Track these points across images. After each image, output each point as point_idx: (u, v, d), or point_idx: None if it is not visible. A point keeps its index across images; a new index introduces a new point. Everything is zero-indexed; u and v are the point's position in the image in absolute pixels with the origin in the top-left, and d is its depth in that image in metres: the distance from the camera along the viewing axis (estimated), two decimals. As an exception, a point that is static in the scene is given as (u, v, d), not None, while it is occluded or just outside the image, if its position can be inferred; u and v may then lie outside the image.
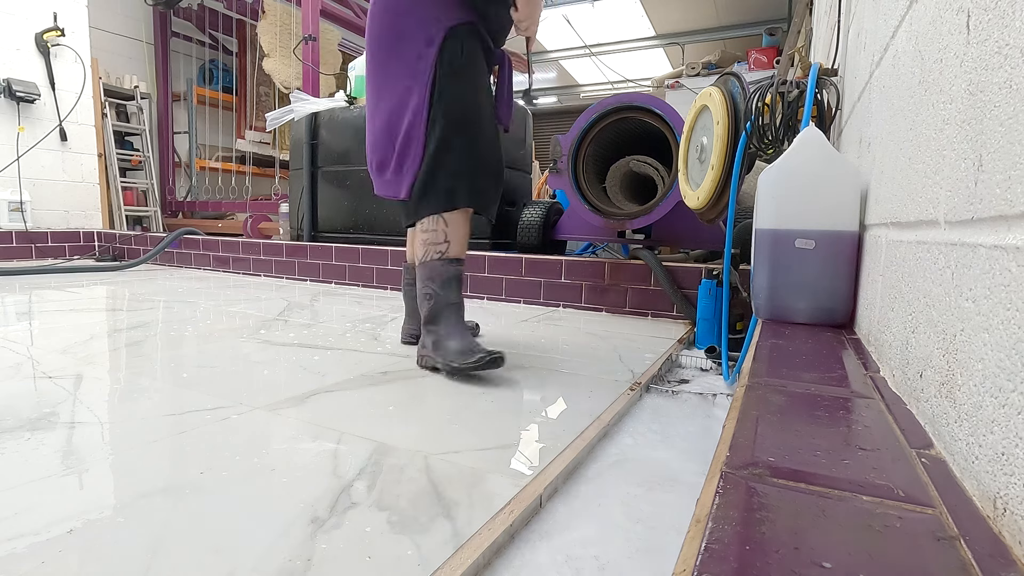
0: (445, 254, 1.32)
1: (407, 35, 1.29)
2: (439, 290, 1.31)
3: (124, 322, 1.83)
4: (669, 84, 5.00)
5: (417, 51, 1.28)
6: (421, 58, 1.28)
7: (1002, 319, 0.38)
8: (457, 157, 1.31)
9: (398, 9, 1.30)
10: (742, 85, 1.43)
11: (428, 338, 1.32)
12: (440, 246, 1.32)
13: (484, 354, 1.21)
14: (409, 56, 1.29)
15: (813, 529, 0.36)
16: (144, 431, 0.91)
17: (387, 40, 1.31)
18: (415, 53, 1.29)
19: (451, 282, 1.32)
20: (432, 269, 1.32)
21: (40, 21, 3.84)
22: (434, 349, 1.30)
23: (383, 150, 1.38)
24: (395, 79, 1.32)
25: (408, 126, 1.31)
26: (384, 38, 1.31)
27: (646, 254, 2.14)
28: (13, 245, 3.69)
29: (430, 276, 1.32)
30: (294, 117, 3.18)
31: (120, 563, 0.57)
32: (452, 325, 1.31)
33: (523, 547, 0.66)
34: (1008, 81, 0.39)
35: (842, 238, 0.99)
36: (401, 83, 1.31)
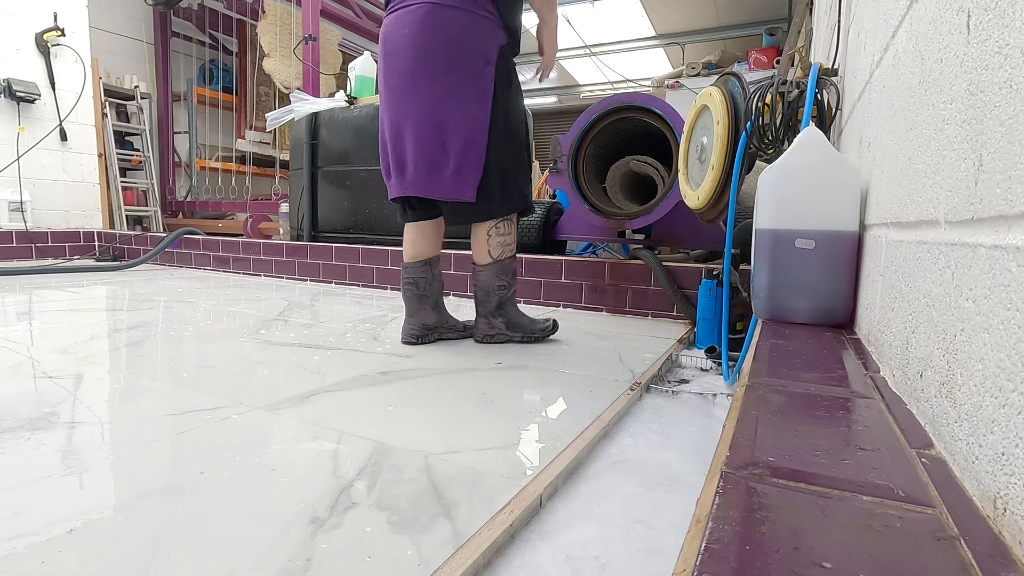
0: (513, 252, 1.61)
1: (466, 55, 1.45)
2: (511, 281, 1.62)
3: (124, 322, 1.83)
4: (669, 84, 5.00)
5: (475, 69, 1.46)
6: (480, 75, 1.46)
7: (1002, 319, 0.38)
8: (518, 164, 1.55)
9: (451, 33, 1.44)
10: (742, 85, 1.43)
11: (498, 320, 1.63)
12: (511, 246, 1.60)
13: (549, 324, 1.66)
14: (467, 73, 1.45)
15: (813, 529, 0.36)
16: (144, 431, 0.91)
17: (442, 58, 1.45)
18: (473, 71, 1.46)
19: (514, 274, 1.65)
20: (507, 266, 1.60)
21: (40, 21, 3.84)
22: (509, 328, 1.63)
23: (434, 154, 1.49)
24: (451, 92, 1.46)
25: (468, 134, 1.47)
26: (438, 56, 1.45)
27: (646, 254, 2.13)
28: (13, 245, 3.69)
29: (505, 271, 1.60)
30: (294, 117, 3.18)
31: (120, 563, 0.57)
32: (516, 308, 1.66)
33: (523, 547, 0.66)
34: (1008, 81, 0.39)
35: (842, 238, 0.99)
36: (459, 96, 1.46)
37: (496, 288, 1.60)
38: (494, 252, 1.58)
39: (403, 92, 1.49)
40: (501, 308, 1.62)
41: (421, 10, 1.43)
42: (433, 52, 1.44)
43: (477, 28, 1.44)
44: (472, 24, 1.44)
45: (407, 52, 1.46)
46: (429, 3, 1.42)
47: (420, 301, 1.63)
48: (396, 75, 1.49)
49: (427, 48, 1.44)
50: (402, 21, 1.46)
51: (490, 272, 1.59)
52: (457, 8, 1.42)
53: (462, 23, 1.43)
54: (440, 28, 1.43)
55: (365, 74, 3.27)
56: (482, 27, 1.45)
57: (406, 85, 1.48)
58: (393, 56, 1.49)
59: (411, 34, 1.45)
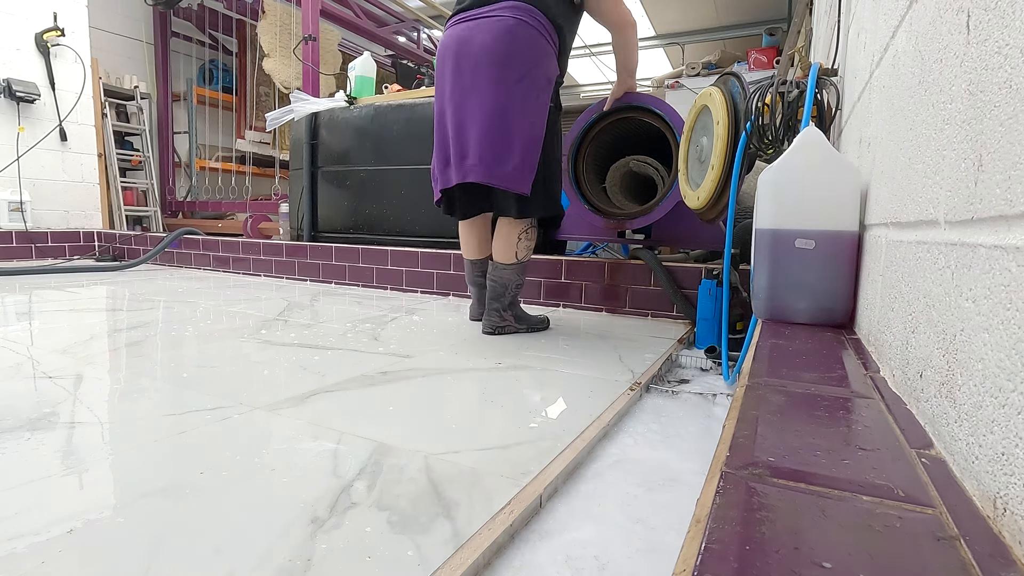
0: (531, 255, 1.80)
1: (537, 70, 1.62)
2: (524, 280, 1.80)
3: (124, 322, 1.83)
4: (669, 84, 5.00)
5: (541, 85, 1.64)
6: (543, 91, 1.64)
7: (1002, 319, 0.38)
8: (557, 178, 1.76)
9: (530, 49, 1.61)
10: (742, 85, 1.43)
11: (509, 313, 1.78)
12: (531, 250, 1.78)
13: (544, 319, 1.89)
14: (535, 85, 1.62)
15: (813, 529, 0.36)
16: (144, 431, 0.91)
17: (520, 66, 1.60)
18: (539, 86, 1.63)
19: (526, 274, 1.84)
20: (526, 267, 1.79)
21: (40, 21, 3.84)
22: (517, 320, 1.80)
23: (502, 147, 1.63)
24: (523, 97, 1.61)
25: (532, 135, 1.63)
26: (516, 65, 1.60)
27: (646, 254, 2.13)
28: (13, 245, 3.69)
29: (524, 271, 1.78)
30: (294, 117, 3.18)
31: (120, 563, 0.57)
32: (520, 304, 1.86)
33: (523, 547, 0.66)
34: (1008, 81, 0.39)
35: (842, 238, 0.99)
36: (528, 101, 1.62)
37: (515, 286, 1.76)
38: (520, 254, 1.74)
39: (476, 90, 1.62)
40: (513, 303, 1.79)
41: (504, 23, 1.59)
42: (511, 61, 1.59)
43: (546, 53, 1.63)
44: (544, 48, 1.62)
45: (485, 56, 1.60)
46: (514, 19, 1.58)
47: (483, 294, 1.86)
48: (471, 74, 1.62)
49: (507, 56, 1.59)
50: (484, 27, 1.61)
51: (512, 271, 1.75)
52: (535, 31, 1.60)
53: (538, 45, 1.61)
54: (521, 42, 1.59)
55: (365, 74, 3.26)
56: (549, 53, 1.64)
57: (480, 84, 1.61)
58: (468, 57, 1.62)
59: (493, 41, 1.59)
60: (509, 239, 1.72)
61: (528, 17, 1.59)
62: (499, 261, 1.75)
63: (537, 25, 1.59)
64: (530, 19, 1.59)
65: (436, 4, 5.09)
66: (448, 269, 2.57)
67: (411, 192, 2.89)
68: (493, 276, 1.76)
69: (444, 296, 2.57)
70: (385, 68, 5.48)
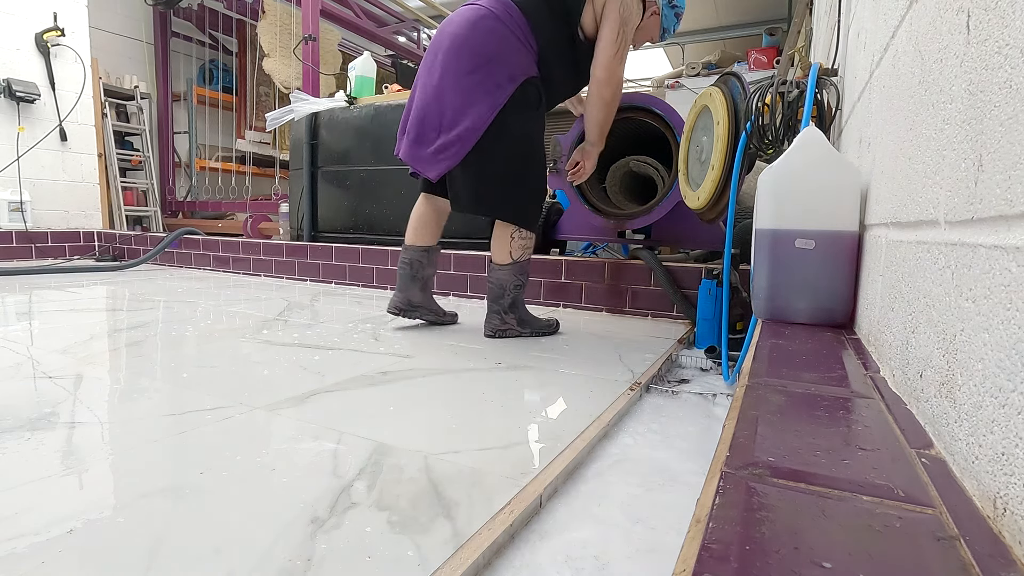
0: (530, 255, 1.75)
1: (494, 64, 1.56)
2: (525, 281, 1.75)
3: (124, 322, 1.83)
4: (669, 84, 5.00)
5: (497, 80, 1.56)
6: (499, 87, 1.56)
7: (1002, 319, 0.38)
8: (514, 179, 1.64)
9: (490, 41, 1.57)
10: (742, 85, 1.43)
11: (511, 316, 1.73)
12: (530, 250, 1.73)
13: (553, 323, 1.81)
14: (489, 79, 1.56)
15: (813, 529, 0.36)
16: (144, 431, 0.91)
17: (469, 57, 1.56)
18: (494, 81, 1.56)
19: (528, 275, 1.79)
20: (524, 267, 1.73)
21: (40, 21, 3.84)
22: (520, 324, 1.74)
23: (426, 131, 1.62)
24: (463, 85, 1.57)
25: (465, 129, 1.56)
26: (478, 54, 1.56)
27: (646, 254, 2.13)
28: (13, 245, 3.69)
29: (522, 271, 1.72)
30: (294, 117, 3.18)
31: (120, 563, 0.57)
32: (524, 306, 1.79)
33: (523, 547, 0.66)
34: (1008, 81, 0.39)
35: (842, 238, 0.99)
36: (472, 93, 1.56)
37: (512, 287, 1.71)
38: (515, 254, 1.69)
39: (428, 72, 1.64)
40: (514, 305, 1.73)
41: (474, 13, 1.59)
42: (471, 50, 1.56)
43: (514, 49, 1.57)
44: (511, 44, 1.57)
45: (446, 41, 1.60)
46: (487, 9, 1.57)
47: (412, 280, 1.80)
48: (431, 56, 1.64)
49: (467, 44, 1.57)
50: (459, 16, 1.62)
51: (509, 272, 1.70)
52: (506, 26, 1.56)
53: (504, 39, 1.56)
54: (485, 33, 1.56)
55: (365, 74, 3.26)
56: (519, 51, 1.58)
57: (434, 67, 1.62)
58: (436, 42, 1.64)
59: (456, 28, 1.59)
60: (503, 239, 1.69)
61: (500, 10, 1.56)
62: (495, 262, 1.73)
63: (507, 20, 1.56)
64: (501, 12, 1.56)
65: (436, 4, 5.09)
66: (448, 269, 2.57)
67: (411, 192, 2.87)
68: (491, 277, 1.73)
69: (444, 296, 2.57)
70: (385, 68, 5.48)
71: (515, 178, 1.64)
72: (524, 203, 1.67)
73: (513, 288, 1.72)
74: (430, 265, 1.82)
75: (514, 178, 1.64)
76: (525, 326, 1.75)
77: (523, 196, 1.66)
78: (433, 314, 1.84)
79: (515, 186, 1.64)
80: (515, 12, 1.57)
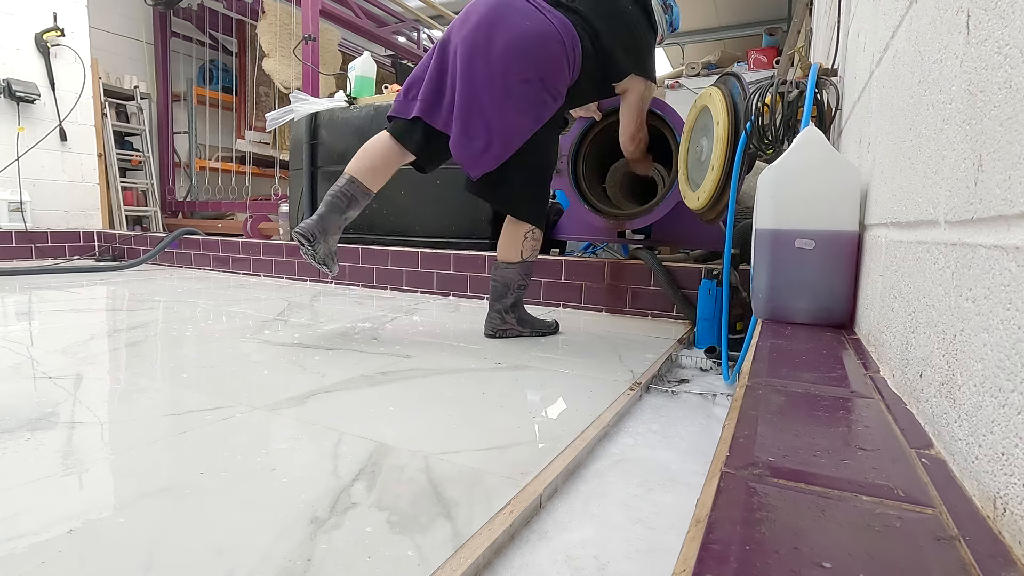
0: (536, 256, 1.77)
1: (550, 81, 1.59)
2: (528, 282, 1.77)
3: (124, 322, 1.83)
4: (669, 84, 5.00)
5: (543, 97, 1.59)
6: (543, 104, 1.60)
7: (1002, 319, 0.38)
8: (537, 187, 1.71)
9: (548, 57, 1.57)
10: (742, 85, 1.43)
11: (511, 316, 1.74)
12: (537, 251, 1.74)
13: (553, 323, 1.83)
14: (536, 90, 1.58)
15: (813, 529, 0.36)
16: (144, 431, 0.91)
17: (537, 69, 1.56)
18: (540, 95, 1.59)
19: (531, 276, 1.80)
20: (530, 267, 1.75)
21: (40, 21, 3.84)
22: (520, 323, 1.75)
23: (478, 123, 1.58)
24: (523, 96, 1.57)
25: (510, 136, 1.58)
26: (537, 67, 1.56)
27: (646, 254, 2.13)
28: (13, 245, 3.69)
29: (528, 272, 1.74)
30: (294, 117, 3.17)
31: (120, 563, 0.57)
32: (524, 307, 1.81)
33: (523, 547, 0.66)
34: (1008, 81, 0.39)
35: (842, 238, 0.99)
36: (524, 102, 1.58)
37: (517, 287, 1.73)
38: (525, 253, 1.71)
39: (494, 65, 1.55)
40: (515, 305, 1.74)
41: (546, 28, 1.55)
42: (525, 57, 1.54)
43: (563, 69, 1.59)
44: (562, 64, 1.58)
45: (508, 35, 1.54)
46: (555, 30, 1.56)
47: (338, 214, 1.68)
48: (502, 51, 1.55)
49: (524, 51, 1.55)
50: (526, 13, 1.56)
51: (516, 271, 1.71)
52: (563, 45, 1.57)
53: (558, 59, 1.57)
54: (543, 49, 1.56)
55: (365, 74, 3.26)
56: (565, 72, 1.60)
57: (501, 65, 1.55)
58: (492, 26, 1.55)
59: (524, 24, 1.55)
60: (516, 237, 1.70)
61: (565, 32, 1.58)
62: (503, 260, 1.72)
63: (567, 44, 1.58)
64: (566, 35, 1.58)
65: (436, 4, 5.09)
66: (448, 269, 2.57)
67: (411, 192, 2.88)
68: (495, 276, 1.73)
69: (444, 296, 2.57)
70: (385, 68, 5.48)
71: (537, 184, 1.71)
72: (541, 206, 1.73)
73: (517, 287, 1.74)
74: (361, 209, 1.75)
75: (536, 184, 1.71)
76: (525, 326, 1.76)
77: (541, 200, 1.73)
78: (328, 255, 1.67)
79: (536, 191, 1.71)
80: (571, 37, 1.59)
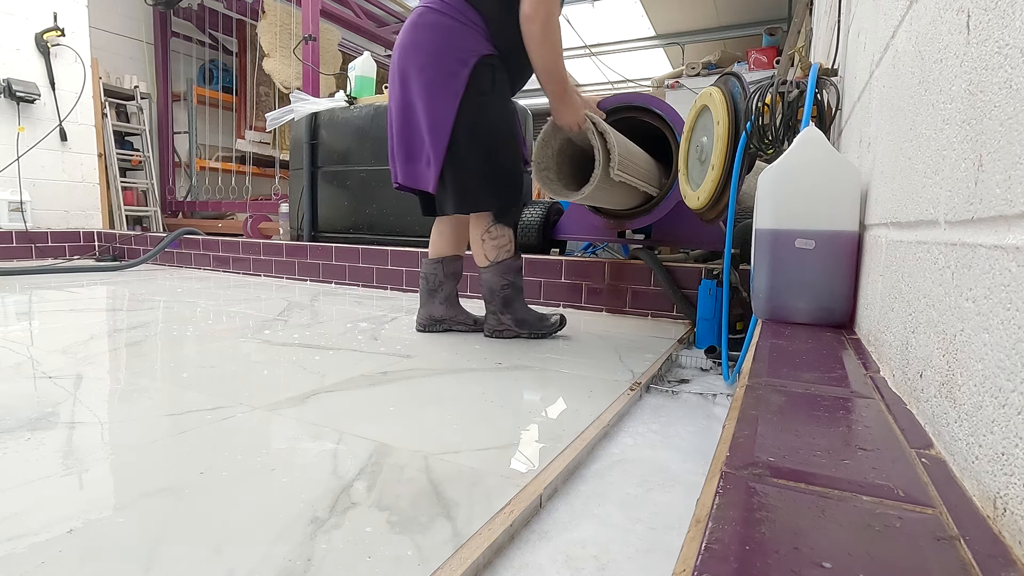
0: (512, 253, 1.67)
1: (443, 55, 1.51)
2: (515, 280, 1.68)
3: (124, 322, 1.83)
4: (669, 84, 5.00)
5: (450, 69, 1.50)
6: (455, 76, 1.50)
7: (1002, 319, 0.38)
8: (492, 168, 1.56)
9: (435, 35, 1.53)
10: (742, 85, 1.43)
11: (506, 317, 1.69)
12: (507, 248, 1.65)
13: (556, 320, 1.74)
14: (441, 71, 1.51)
15: (813, 529, 0.36)
16: (144, 431, 0.91)
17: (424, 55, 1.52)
18: (448, 71, 1.50)
19: (519, 273, 1.71)
20: (508, 266, 1.66)
21: (40, 21, 3.84)
22: (517, 324, 1.69)
23: (411, 145, 1.59)
24: (426, 87, 1.52)
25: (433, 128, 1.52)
26: (420, 53, 1.53)
27: (646, 254, 2.13)
28: (13, 245, 3.69)
29: (507, 271, 1.66)
30: (294, 117, 3.18)
31: (120, 563, 0.57)
32: (524, 305, 1.72)
33: (523, 547, 0.66)
34: (1008, 81, 0.39)
35: (842, 238, 0.99)
36: (431, 91, 1.52)
37: (500, 287, 1.67)
38: (490, 255, 1.65)
39: (394, 86, 1.61)
40: (508, 305, 1.69)
41: (416, 12, 1.58)
42: (417, 50, 1.54)
43: (458, 34, 1.52)
44: (453, 29, 1.52)
45: (400, 50, 1.59)
46: (423, 7, 1.56)
47: (430, 295, 1.77)
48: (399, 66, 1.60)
49: (413, 46, 1.55)
50: (408, 22, 1.60)
51: (491, 273, 1.67)
52: (443, 14, 1.52)
53: (445, 27, 1.52)
54: (426, 29, 1.54)
55: (365, 74, 3.26)
56: (464, 34, 1.52)
57: (394, 83, 1.61)
58: (395, 52, 1.62)
59: (406, 33, 1.59)
60: (475, 240, 1.66)
61: (436, 1, 1.52)
62: (477, 264, 1.70)
63: (444, 8, 1.51)
64: (437, 2, 1.52)
65: (436, 4, 5.08)
66: (448, 269, 2.57)
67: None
68: (480, 279, 1.71)
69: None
70: (385, 68, 5.48)
71: (485, 169, 1.56)
72: (495, 195, 1.59)
73: (501, 289, 1.67)
74: (447, 277, 1.76)
75: (484, 169, 1.56)
76: (524, 326, 1.70)
77: (494, 188, 1.57)
78: (462, 324, 1.79)
79: (486, 178, 1.56)
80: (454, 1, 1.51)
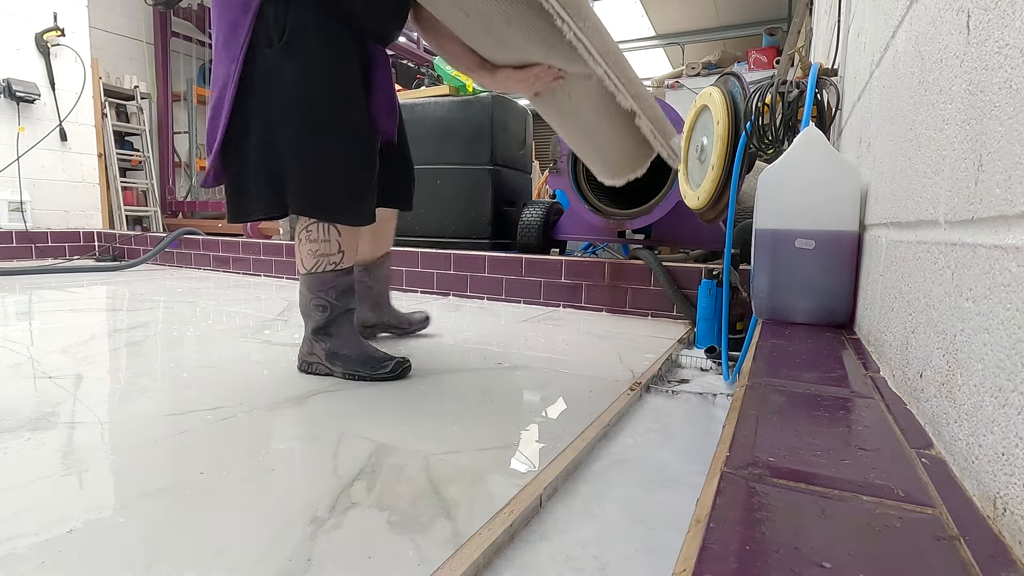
0: (337, 265, 1.23)
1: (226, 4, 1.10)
2: (334, 302, 1.24)
3: (124, 322, 1.83)
4: (669, 84, 5.00)
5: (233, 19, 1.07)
6: (236, 27, 1.07)
7: (1002, 319, 0.38)
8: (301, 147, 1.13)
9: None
10: (742, 85, 1.43)
11: (318, 346, 1.24)
12: (331, 257, 1.22)
13: (389, 366, 1.21)
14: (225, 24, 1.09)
15: (813, 529, 0.36)
16: (144, 431, 0.91)
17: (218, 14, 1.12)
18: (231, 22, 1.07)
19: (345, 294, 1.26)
20: (325, 281, 1.23)
21: (40, 21, 3.84)
22: (330, 359, 1.23)
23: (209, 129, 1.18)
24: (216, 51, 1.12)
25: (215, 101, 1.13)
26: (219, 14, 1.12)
27: (646, 254, 2.13)
28: (13, 245, 3.69)
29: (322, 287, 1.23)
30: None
31: (120, 563, 0.57)
32: (348, 335, 1.26)
33: (523, 547, 0.66)
34: (1008, 81, 0.39)
35: (842, 238, 0.99)
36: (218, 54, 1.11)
37: (313, 307, 1.24)
38: (307, 262, 1.23)
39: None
40: (323, 331, 1.24)
41: None
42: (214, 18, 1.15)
43: None
44: None
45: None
46: None
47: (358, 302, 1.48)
48: None
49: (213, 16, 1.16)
50: None
51: (303, 284, 1.25)
52: None
53: None
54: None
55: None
56: None
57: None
58: None
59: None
60: (296, 239, 1.25)
61: None
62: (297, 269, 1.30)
63: None
64: None
65: (436, 4, 5.08)
66: (448, 269, 2.57)
67: (411, 192, 2.89)
68: None
69: (444, 296, 2.57)
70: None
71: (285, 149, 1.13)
72: (304, 182, 1.15)
73: (313, 309, 1.24)
74: (371, 280, 1.55)
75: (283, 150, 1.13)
76: (337, 362, 1.22)
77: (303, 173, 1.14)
78: (394, 328, 1.65)
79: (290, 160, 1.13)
80: None
